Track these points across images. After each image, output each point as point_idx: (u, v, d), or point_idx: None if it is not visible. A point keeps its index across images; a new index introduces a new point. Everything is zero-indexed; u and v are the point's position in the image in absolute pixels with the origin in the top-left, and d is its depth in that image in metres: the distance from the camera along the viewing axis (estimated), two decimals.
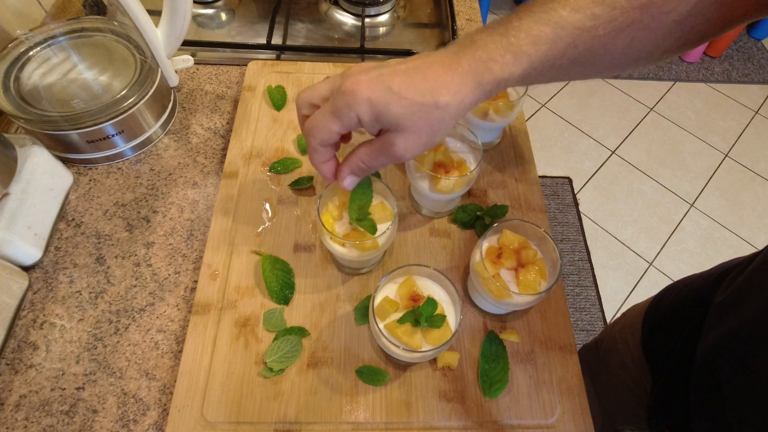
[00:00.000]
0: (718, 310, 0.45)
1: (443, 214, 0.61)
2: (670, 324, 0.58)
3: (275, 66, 0.73)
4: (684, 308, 0.56)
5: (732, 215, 1.85)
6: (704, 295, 0.52)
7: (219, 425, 0.46)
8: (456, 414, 0.48)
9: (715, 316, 0.46)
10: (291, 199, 0.61)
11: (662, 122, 2.11)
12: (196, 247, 0.58)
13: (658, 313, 0.62)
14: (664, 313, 0.61)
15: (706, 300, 0.50)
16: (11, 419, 0.46)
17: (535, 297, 0.47)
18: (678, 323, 0.56)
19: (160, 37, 0.59)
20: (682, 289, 0.60)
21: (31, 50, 0.61)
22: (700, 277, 0.58)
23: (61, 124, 0.57)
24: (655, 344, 0.60)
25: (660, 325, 0.61)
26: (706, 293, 0.52)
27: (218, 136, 0.68)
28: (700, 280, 0.58)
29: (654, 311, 0.63)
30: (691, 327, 0.50)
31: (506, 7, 2.52)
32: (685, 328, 0.53)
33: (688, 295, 0.58)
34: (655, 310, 0.63)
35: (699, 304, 0.52)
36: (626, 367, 0.66)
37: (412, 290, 0.47)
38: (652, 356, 0.60)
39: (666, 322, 0.60)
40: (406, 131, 0.39)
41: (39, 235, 0.54)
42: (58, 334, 0.51)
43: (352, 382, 0.49)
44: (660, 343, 0.59)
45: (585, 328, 1.58)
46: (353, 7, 0.86)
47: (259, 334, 0.51)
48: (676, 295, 0.60)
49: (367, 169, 0.43)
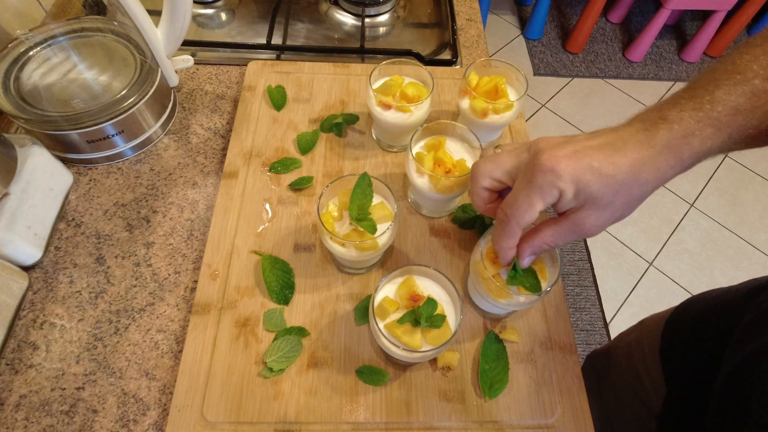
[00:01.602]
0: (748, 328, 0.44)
1: (443, 214, 0.61)
2: (694, 337, 0.57)
3: (275, 66, 0.73)
4: (709, 323, 0.55)
5: (732, 215, 1.85)
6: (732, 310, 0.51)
7: (219, 425, 0.46)
8: (456, 414, 0.48)
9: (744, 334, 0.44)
10: (291, 199, 0.61)
11: None
12: (196, 247, 0.58)
13: (682, 325, 0.61)
14: (689, 324, 0.60)
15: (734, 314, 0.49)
16: (11, 419, 0.46)
17: (535, 297, 0.47)
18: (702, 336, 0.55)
19: (160, 37, 0.59)
20: (707, 302, 0.59)
21: (31, 50, 0.61)
22: (726, 292, 0.57)
23: (61, 124, 0.57)
24: (675, 355, 0.59)
25: (683, 336, 0.59)
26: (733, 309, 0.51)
27: (218, 136, 0.68)
28: (727, 294, 0.57)
29: (677, 322, 0.62)
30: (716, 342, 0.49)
31: (506, 7, 2.52)
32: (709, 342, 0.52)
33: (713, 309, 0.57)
34: (679, 321, 0.62)
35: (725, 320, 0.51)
36: (639, 376, 0.65)
37: (412, 290, 0.47)
38: (670, 367, 0.59)
39: (689, 335, 0.58)
40: (600, 208, 0.38)
41: (39, 235, 0.54)
42: (58, 334, 0.51)
43: (352, 382, 0.49)
44: (680, 354, 0.58)
45: (585, 328, 1.58)
46: (353, 7, 0.86)
47: (259, 334, 0.51)
48: (702, 308, 0.59)
49: (549, 249, 0.42)
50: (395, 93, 0.60)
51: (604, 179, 0.36)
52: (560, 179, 0.37)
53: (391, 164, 0.65)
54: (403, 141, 0.65)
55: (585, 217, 0.38)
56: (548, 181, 0.37)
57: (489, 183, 0.43)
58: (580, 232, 0.39)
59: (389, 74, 0.63)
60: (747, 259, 1.73)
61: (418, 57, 0.77)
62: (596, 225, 0.39)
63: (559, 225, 0.40)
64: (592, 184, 0.36)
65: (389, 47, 0.82)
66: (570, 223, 0.39)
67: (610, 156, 0.37)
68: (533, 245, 0.42)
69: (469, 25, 0.85)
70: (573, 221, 0.39)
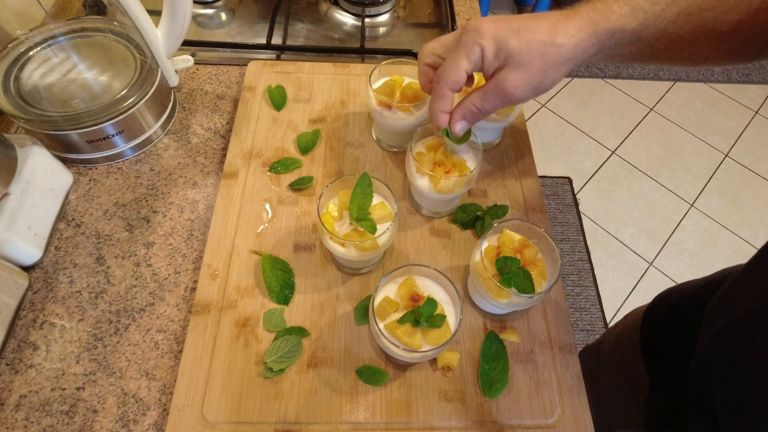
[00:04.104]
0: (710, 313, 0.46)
1: (443, 214, 0.61)
2: (669, 327, 0.58)
3: (275, 66, 0.73)
4: (683, 312, 0.56)
5: (732, 215, 1.85)
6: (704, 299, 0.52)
7: (219, 425, 0.46)
8: (456, 414, 0.48)
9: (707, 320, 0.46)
10: (291, 199, 0.61)
11: (662, 122, 2.11)
12: (196, 247, 0.58)
13: (657, 316, 0.62)
14: (663, 315, 0.61)
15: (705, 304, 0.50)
16: (11, 419, 0.46)
17: (535, 297, 0.47)
18: (677, 326, 0.56)
19: (160, 37, 0.59)
20: (681, 292, 0.60)
21: (31, 50, 0.61)
22: (700, 282, 0.58)
23: (61, 124, 0.57)
24: (654, 347, 0.60)
25: (658, 327, 0.61)
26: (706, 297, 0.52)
27: (218, 136, 0.68)
28: (700, 283, 0.58)
29: (653, 314, 0.63)
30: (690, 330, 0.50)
31: (506, 7, 2.52)
32: (684, 331, 0.53)
33: (687, 299, 0.58)
34: (654, 312, 0.63)
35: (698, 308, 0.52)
36: (625, 370, 0.66)
37: (412, 290, 0.47)
38: (651, 359, 0.60)
39: (665, 325, 0.59)
40: (519, 68, 0.41)
41: (39, 235, 0.54)
42: (58, 334, 0.51)
43: (352, 382, 0.49)
44: (658, 345, 0.59)
45: (585, 328, 1.58)
46: (353, 7, 0.86)
47: (259, 334, 0.51)
48: (676, 298, 0.60)
49: (478, 114, 0.45)
50: (395, 93, 0.60)
51: (521, 36, 0.40)
52: (482, 36, 0.41)
53: (391, 164, 0.65)
54: (403, 141, 0.65)
55: (505, 76, 0.42)
56: (471, 39, 0.41)
57: (431, 59, 0.47)
58: (503, 93, 0.43)
59: (389, 74, 0.63)
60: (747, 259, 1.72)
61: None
62: (517, 86, 0.42)
63: (485, 87, 0.44)
64: (510, 40, 0.40)
65: (389, 47, 0.82)
66: (493, 85, 0.43)
67: (531, 21, 0.41)
68: (463, 109, 0.46)
69: None
70: (495, 81, 0.43)
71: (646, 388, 0.60)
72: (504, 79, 0.42)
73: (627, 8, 0.39)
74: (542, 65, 0.41)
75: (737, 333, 0.39)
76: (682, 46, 0.42)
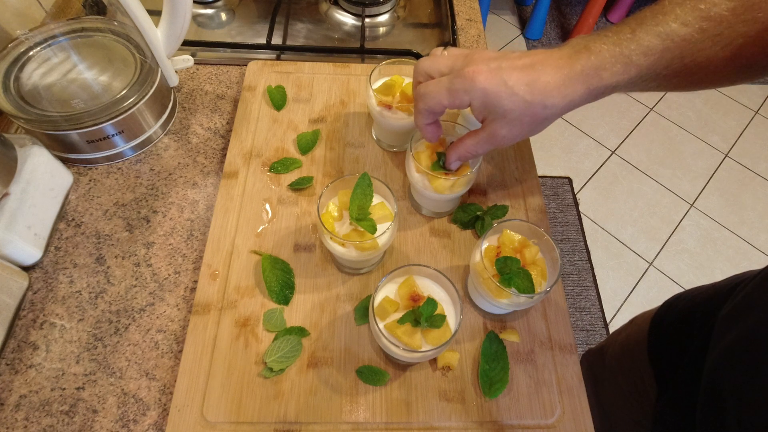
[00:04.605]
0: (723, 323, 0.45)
1: (443, 214, 0.61)
2: (679, 334, 0.57)
3: (275, 66, 0.73)
4: (693, 319, 0.55)
5: (732, 215, 1.85)
6: (714, 307, 0.52)
7: (219, 425, 0.46)
8: (456, 414, 0.48)
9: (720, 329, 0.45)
10: (291, 199, 0.61)
11: (662, 122, 2.11)
12: (196, 247, 0.58)
13: (666, 323, 0.61)
14: (672, 322, 0.60)
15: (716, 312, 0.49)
16: (11, 419, 0.46)
17: (535, 297, 0.47)
18: (687, 334, 0.55)
19: (160, 37, 0.59)
20: (691, 299, 0.59)
21: (31, 50, 0.61)
22: (709, 288, 0.58)
23: (61, 124, 0.57)
24: (662, 354, 0.59)
25: (667, 334, 0.60)
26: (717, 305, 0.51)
27: (218, 136, 0.68)
28: (709, 291, 0.57)
29: (661, 321, 0.62)
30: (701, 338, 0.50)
31: (506, 8, 2.52)
32: (695, 339, 0.52)
33: (697, 306, 0.57)
34: (662, 318, 0.62)
35: (708, 316, 0.51)
36: (631, 375, 0.65)
37: (412, 290, 0.47)
38: (659, 366, 0.60)
39: (674, 332, 0.58)
40: (510, 122, 0.43)
41: (39, 235, 0.54)
42: (58, 334, 0.51)
43: (352, 382, 0.49)
44: (667, 353, 0.58)
45: (585, 328, 1.58)
46: (353, 7, 0.86)
47: (259, 334, 0.51)
48: (685, 305, 0.59)
49: (472, 155, 0.50)
50: (395, 93, 0.60)
51: (514, 97, 0.41)
52: (474, 89, 0.42)
53: (391, 164, 0.65)
54: (403, 141, 0.65)
55: (498, 129, 0.45)
56: (462, 87, 0.43)
57: (425, 79, 0.48)
58: (495, 141, 0.46)
59: (389, 74, 0.63)
60: (747, 259, 1.73)
61: (418, 57, 0.77)
62: (508, 137, 0.45)
63: (478, 135, 0.47)
64: (503, 99, 0.42)
65: (389, 47, 0.82)
66: (486, 134, 0.46)
67: (527, 77, 0.41)
68: (458, 151, 0.49)
69: (469, 25, 0.85)
70: (488, 132, 0.46)
71: (652, 394, 0.59)
72: (496, 132, 0.45)
73: (620, 66, 0.40)
74: (533, 124, 0.43)
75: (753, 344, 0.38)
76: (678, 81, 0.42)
